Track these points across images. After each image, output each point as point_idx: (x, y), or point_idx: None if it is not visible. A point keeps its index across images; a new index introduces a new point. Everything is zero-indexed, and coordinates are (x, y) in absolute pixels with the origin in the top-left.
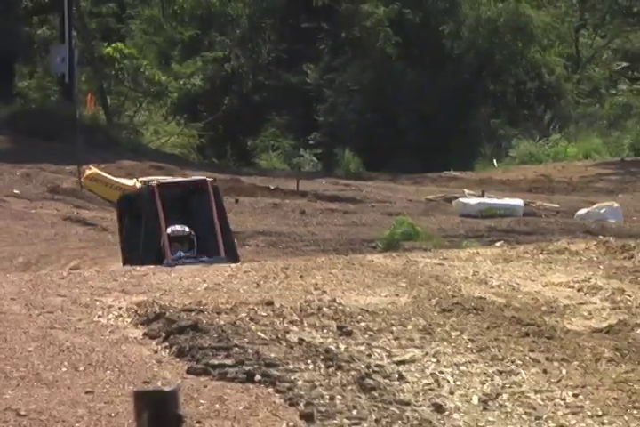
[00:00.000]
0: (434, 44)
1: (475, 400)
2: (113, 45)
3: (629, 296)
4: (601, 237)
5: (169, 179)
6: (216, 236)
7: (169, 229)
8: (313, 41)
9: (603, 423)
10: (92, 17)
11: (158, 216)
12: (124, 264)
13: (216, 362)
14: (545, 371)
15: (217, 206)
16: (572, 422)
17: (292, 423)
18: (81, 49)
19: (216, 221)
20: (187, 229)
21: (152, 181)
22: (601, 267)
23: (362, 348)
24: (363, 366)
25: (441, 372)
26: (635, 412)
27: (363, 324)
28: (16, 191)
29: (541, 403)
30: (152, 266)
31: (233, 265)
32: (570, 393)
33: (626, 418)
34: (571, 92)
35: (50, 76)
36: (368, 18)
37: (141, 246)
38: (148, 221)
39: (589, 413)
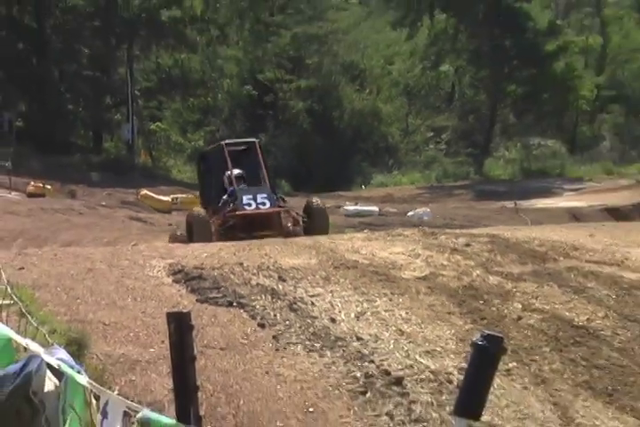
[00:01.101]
0: (329, 123)
1: (352, 315)
2: (155, 124)
3: (435, 259)
4: (420, 227)
5: (232, 140)
6: (263, 177)
7: (234, 171)
8: (265, 120)
9: (421, 327)
10: (145, 109)
11: (227, 164)
12: (201, 203)
13: (211, 296)
14: (390, 299)
15: (262, 159)
16: (405, 327)
17: (253, 328)
18: (138, 126)
19: (263, 168)
20: (242, 172)
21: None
22: (420, 243)
23: (291, 288)
24: (291, 298)
25: (334, 301)
26: (438, 322)
27: (291, 274)
28: (103, 203)
29: (388, 317)
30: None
31: (219, 244)
32: (403, 312)
33: (434, 325)
34: (403, 148)
35: (121, 141)
36: (294, 108)
37: (213, 185)
38: (219, 168)
39: (414, 322)
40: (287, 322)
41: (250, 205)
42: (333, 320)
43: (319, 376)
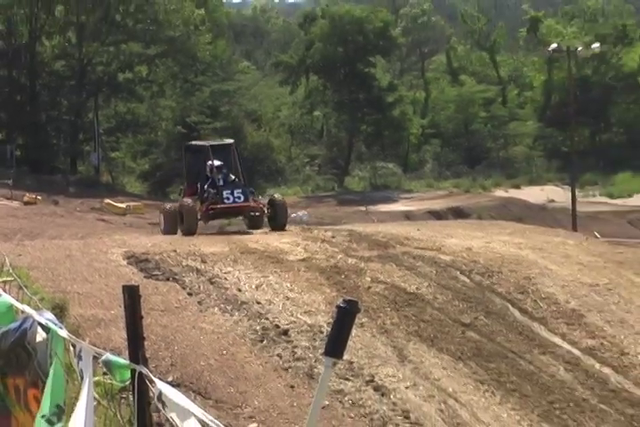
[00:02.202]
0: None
1: (253, 287)
2: (115, 153)
3: (311, 247)
4: (302, 225)
5: (217, 141)
6: (239, 173)
7: (215, 162)
8: None
9: (301, 294)
10: (107, 142)
11: (211, 158)
12: (182, 192)
13: (154, 273)
14: (279, 275)
15: (237, 155)
16: (290, 294)
17: (184, 296)
18: (102, 154)
19: (238, 165)
20: (222, 163)
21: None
22: (300, 236)
23: (210, 267)
24: (211, 275)
25: (240, 276)
26: (313, 291)
27: (210, 258)
28: (78, 209)
29: (278, 287)
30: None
31: (160, 237)
32: (289, 284)
33: (310, 293)
34: (288, 170)
35: (90, 165)
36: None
37: (199, 174)
38: (204, 161)
39: (296, 291)
40: (207, 292)
41: (228, 199)
42: (240, 290)
43: (230, 329)
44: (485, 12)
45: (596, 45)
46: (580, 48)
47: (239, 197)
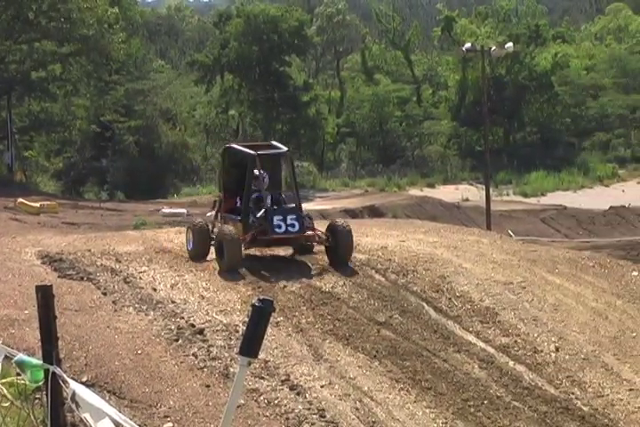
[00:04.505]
0: (151, 151)
1: (168, 286)
2: (28, 152)
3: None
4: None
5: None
6: (294, 194)
7: (265, 177)
8: (106, 149)
9: (217, 293)
10: (20, 141)
11: (259, 169)
12: (217, 206)
13: (68, 273)
14: (195, 274)
15: (293, 168)
16: (205, 293)
17: (98, 296)
18: (16, 153)
19: (294, 182)
20: (269, 177)
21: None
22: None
23: (125, 267)
24: (125, 274)
25: (155, 275)
26: (229, 289)
27: (125, 257)
28: None
29: (193, 286)
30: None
31: (76, 236)
32: (204, 283)
33: (226, 292)
34: (203, 169)
35: (3, 164)
36: (126, 141)
37: (239, 186)
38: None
39: (212, 290)
40: (122, 291)
41: (280, 227)
42: (155, 289)
43: (145, 329)
44: (400, 12)
45: (509, 45)
46: (493, 48)
47: (293, 226)
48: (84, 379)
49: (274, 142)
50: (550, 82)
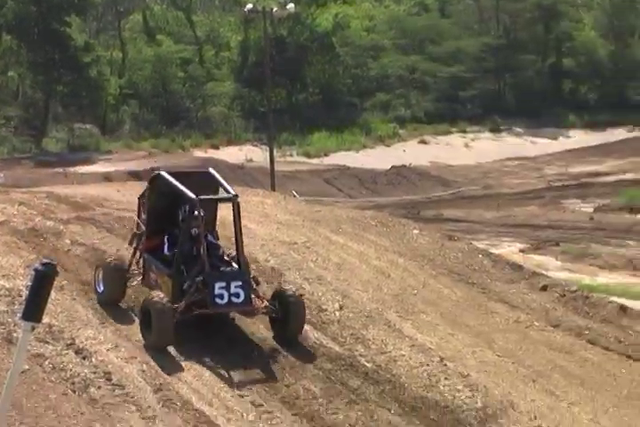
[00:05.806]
0: None
1: None
2: None
3: (8, 210)
4: None
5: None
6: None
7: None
8: None
9: None
10: None
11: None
12: (136, 242)
13: None
14: None
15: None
16: None
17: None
18: None
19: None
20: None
21: None
22: None
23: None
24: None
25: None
26: (11, 254)
27: None
28: None
29: None
30: None
31: None
32: None
33: (8, 257)
34: None
35: None
36: None
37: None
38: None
39: None
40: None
41: (222, 297)
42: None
43: None
44: None
45: (290, 6)
46: (275, 9)
47: (237, 295)
48: None
49: (211, 170)
50: (331, 43)
